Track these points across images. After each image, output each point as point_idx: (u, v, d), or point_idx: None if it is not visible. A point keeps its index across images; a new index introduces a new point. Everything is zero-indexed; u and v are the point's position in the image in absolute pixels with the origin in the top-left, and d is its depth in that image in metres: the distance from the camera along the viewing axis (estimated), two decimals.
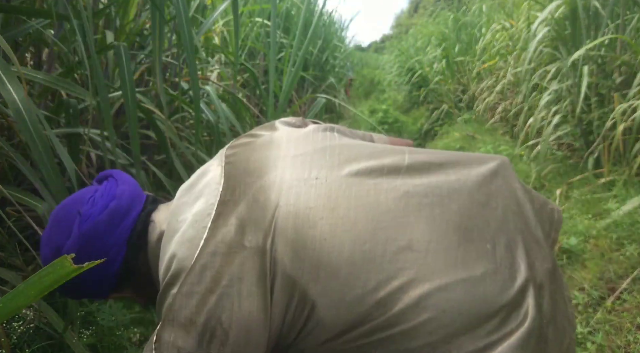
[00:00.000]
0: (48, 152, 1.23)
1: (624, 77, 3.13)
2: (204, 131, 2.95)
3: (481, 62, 5.88)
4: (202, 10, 2.99)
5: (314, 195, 0.66)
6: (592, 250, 2.38)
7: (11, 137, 1.73)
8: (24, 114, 1.17)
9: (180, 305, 0.60)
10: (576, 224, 2.57)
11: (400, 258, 0.63)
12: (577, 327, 1.95)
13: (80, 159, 1.83)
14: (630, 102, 2.78)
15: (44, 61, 1.96)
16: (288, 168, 0.70)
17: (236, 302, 0.59)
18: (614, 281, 2.18)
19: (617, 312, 2.02)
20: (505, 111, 5.14)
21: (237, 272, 0.60)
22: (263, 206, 0.65)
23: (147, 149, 2.59)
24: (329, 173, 0.70)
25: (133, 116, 1.54)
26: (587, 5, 3.28)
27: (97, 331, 1.64)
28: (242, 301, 0.59)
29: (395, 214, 0.65)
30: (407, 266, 0.62)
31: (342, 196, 0.66)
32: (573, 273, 2.29)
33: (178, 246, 0.64)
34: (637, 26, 3.10)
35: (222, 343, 0.59)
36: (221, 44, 3.63)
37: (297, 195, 0.66)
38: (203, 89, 2.55)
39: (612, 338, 1.89)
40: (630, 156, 2.79)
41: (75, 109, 1.74)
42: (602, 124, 3.07)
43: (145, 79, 2.57)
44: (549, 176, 3.34)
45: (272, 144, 0.76)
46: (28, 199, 1.37)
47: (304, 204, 0.65)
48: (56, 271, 0.38)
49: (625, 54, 3.11)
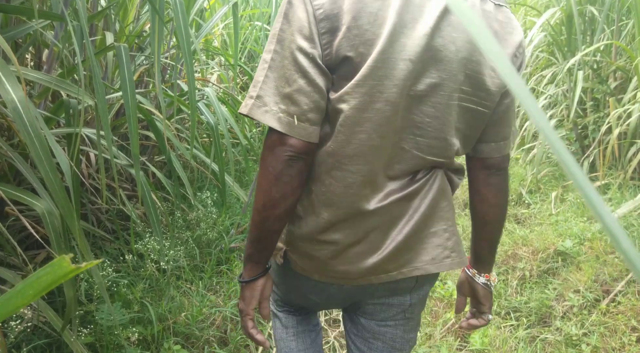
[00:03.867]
0: (46, 151, 1.24)
1: (619, 82, 3.17)
2: (204, 133, 2.96)
3: None
4: (201, 13, 3.00)
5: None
6: (587, 252, 2.40)
7: (10, 137, 1.74)
8: (22, 114, 1.18)
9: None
10: (571, 227, 2.59)
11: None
12: (573, 329, 1.96)
13: (80, 159, 1.84)
14: (625, 106, 2.81)
15: (44, 62, 1.97)
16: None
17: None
18: (608, 283, 2.20)
19: (612, 314, 2.03)
20: None
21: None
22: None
23: (146, 150, 2.60)
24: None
25: (133, 116, 1.55)
26: (582, 11, 3.32)
27: (96, 330, 1.65)
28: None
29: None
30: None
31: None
32: (568, 276, 2.31)
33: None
34: (632, 32, 3.13)
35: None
36: (221, 47, 3.65)
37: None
38: (203, 91, 2.56)
39: (607, 340, 1.91)
40: (625, 160, 2.82)
41: (75, 110, 1.75)
42: (597, 129, 3.10)
43: (144, 81, 2.58)
44: (545, 179, 3.36)
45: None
46: (27, 198, 1.38)
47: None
48: (55, 271, 0.38)
49: (621, 60, 3.14)
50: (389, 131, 0.81)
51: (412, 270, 0.90)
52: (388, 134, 0.81)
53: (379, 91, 0.78)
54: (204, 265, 2.29)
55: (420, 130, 0.83)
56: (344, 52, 0.77)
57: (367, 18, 0.76)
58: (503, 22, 0.86)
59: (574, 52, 3.27)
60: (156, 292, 1.98)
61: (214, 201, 2.59)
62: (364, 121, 0.79)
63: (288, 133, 0.79)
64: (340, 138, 0.81)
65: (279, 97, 0.79)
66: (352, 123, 0.79)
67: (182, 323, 1.87)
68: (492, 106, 0.87)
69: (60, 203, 1.32)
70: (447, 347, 1.93)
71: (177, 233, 2.29)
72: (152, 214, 1.73)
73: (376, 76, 0.77)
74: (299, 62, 0.77)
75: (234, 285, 2.18)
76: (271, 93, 0.79)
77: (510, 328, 2.08)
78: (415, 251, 0.90)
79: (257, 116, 0.80)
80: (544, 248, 2.54)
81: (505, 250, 2.64)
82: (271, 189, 0.82)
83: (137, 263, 2.01)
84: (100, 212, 2.10)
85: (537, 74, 4.02)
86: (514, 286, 2.37)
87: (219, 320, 1.98)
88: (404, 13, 0.76)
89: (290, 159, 0.80)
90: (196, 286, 2.12)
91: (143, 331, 1.74)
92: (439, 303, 2.21)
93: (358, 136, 0.80)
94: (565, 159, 0.18)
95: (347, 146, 0.81)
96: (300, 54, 0.77)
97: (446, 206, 0.92)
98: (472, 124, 0.87)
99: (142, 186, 1.67)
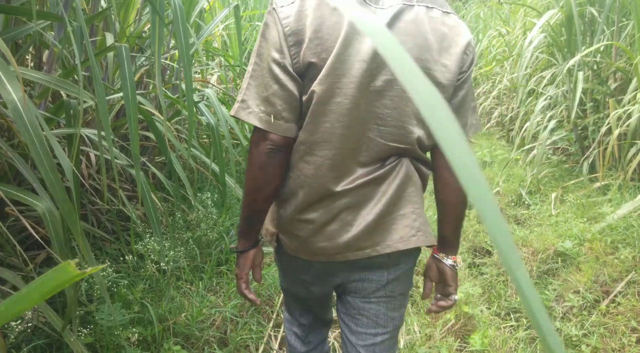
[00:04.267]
0: (46, 152, 1.24)
1: (619, 83, 3.17)
2: (204, 133, 2.97)
3: (478, 67, 5.92)
4: (201, 14, 3.01)
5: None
6: (587, 253, 2.40)
7: (11, 137, 1.74)
8: (22, 114, 1.18)
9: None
10: (571, 228, 2.59)
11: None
12: (572, 330, 1.96)
13: (80, 159, 1.84)
14: (625, 107, 2.82)
15: (45, 63, 1.97)
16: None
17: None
18: (608, 284, 2.20)
19: (612, 315, 2.04)
20: (501, 116, 5.17)
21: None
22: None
23: (147, 151, 2.60)
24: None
25: (133, 117, 1.55)
26: (582, 12, 3.32)
27: (96, 330, 1.65)
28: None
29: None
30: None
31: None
32: (568, 276, 2.31)
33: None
34: (632, 33, 3.14)
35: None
36: (221, 48, 3.65)
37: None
38: (203, 91, 2.56)
39: (607, 341, 1.91)
40: (625, 160, 2.82)
41: (76, 110, 1.75)
42: (597, 129, 3.10)
43: (144, 82, 2.58)
44: (545, 180, 3.36)
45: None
46: (28, 199, 1.38)
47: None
48: (59, 276, 0.38)
49: (620, 61, 3.15)
50: (352, 121, 0.97)
51: (384, 247, 1.05)
52: (352, 124, 0.97)
53: (337, 87, 0.94)
54: (204, 266, 2.29)
55: (382, 120, 0.99)
56: (309, 59, 0.94)
57: (326, 30, 0.94)
58: (451, 26, 1.00)
59: (573, 53, 3.27)
60: (156, 293, 1.98)
61: (214, 201, 2.60)
62: (327, 112, 0.96)
63: (267, 129, 0.97)
64: (309, 127, 0.98)
65: (259, 100, 0.97)
66: (317, 115, 0.96)
67: (182, 323, 1.87)
68: (446, 97, 1.01)
69: (60, 204, 1.32)
70: (447, 347, 1.93)
71: (178, 233, 2.29)
72: (151, 214, 1.73)
73: (335, 75, 0.94)
74: (273, 71, 0.95)
75: (234, 285, 2.18)
76: (253, 97, 0.98)
77: (510, 329, 2.08)
78: (387, 231, 1.05)
79: (243, 117, 0.98)
80: (543, 249, 2.54)
81: None
82: (257, 177, 1.02)
83: (137, 263, 2.01)
84: (101, 213, 2.10)
85: (537, 75, 4.02)
86: (513, 287, 2.37)
87: (219, 321, 1.98)
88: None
89: (271, 151, 0.99)
90: (196, 287, 2.12)
91: (143, 331, 1.74)
92: None
93: (323, 125, 0.97)
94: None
95: (314, 134, 0.98)
96: (274, 64, 0.95)
97: (413, 192, 1.06)
98: None
99: (142, 186, 1.67)
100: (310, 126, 0.98)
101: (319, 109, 0.96)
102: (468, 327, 2.09)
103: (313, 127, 0.97)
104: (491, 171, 3.87)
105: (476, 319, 2.11)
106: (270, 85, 0.96)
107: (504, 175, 3.60)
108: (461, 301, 2.18)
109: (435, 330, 2.02)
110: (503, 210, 3.22)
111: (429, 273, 1.17)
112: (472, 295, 2.26)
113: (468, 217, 3.31)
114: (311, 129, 0.98)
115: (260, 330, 1.99)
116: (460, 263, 1.16)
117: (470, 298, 2.24)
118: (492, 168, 3.96)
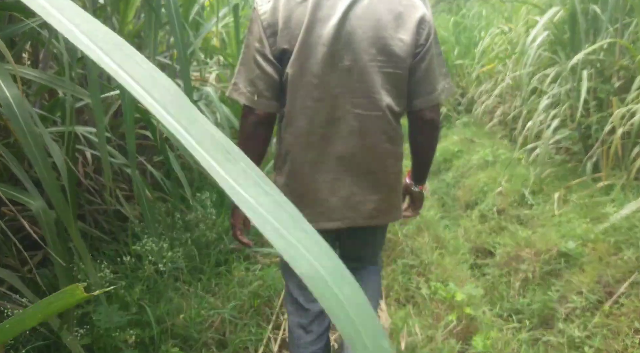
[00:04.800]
0: (41, 150, 1.22)
1: (623, 81, 3.14)
2: None
3: (480, 65, 5.89)
4: (201, 12, 2.98)
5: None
6: (590, 254, 2.37)
7: (5, 136, 1.72)
8: (16, 111, 1.16)
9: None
10: (574, 228, 2.56)
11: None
12: (575, 331, 1.94)
13: (77, 158, 1.82)
14: (629, 106, 2.78)
15: (41, 60, 1.95)
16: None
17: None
18: (611, 285, 2.17)
19: (615, 316, 2.01)
20: (504, 115, 5.14)
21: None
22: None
23: (145, 150, 2.58)
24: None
25: (130, 113, 1.53)
26: (586, 9, 3.29)
27: (93, 332, 1.63)
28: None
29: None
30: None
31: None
32: (571, 277, 2.29)
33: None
34: (635, 31, 3.10)
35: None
36: (220, 46, 3.62)
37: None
38: (202, 90, 2.54)
39: (610, 343, 1.88)
40: (629, 160, 2.79)
41: (71, 108, 1.73)
42: (600, 128, 3.07)
43: None
44: (548, 179, 3.33)
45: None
46: (22, 197, 1.36)
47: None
48: (66, 298, 0.39)
49: (624, 59, 3.11)
50: (322, 95, 1.19)
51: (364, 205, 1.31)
52: (323, 97, 1.20)
53: (305, 68, 1.17)
54: (202, 267, 2.27)
55: (353, 93, 1.20)
56: (282, 46, 1.18)
57: (294, 21, 1.16)
58: (406, 5, 1.20)
59: (577, 51, 3.23)
60: (154, 294, 1.96)
61: (213, 202, 2.57)
62: (299, 89, 1.20)
63: (252, 105, 1.21)
64: (288, 103, 1.22)
65: (246, 82, 1.21)
66: (292, 92, 1.20)
67: (180, 325, 1.85)
68: (406, 67, 1.22)
69: (56, 203, 1.30)
70: (449, 349, 1.91)
71: (176, 234, 2.27)
72: (147, 213, 1.71)
73: (302, 58, 1.17)
74: (256, 58, 1.19)
75: (233, 286, 2.16)
76: (242, 80, 1.22)
77: (512, 330, 2.06)
78: (367, 190, 1.30)
79: (235, 96, 1.23)
80: (546, 250, 2.51)
81: (507, 252, 2.62)
82: (245, 144, 1.25)
83: (135, 264, 1.99)
84: (98, 213, 2.08)
85: (540, 73, 3.99)
86: (516, 288, 2.35)
87: (218, 323, 1.96)
88: (317, 13, 1.15)
89: (255, 123, 1.24)
90: (195, 288, 2.10)
91: (141, 333, 1.72)
92: (440, 306, 2.19)
93: (297, 101, 1.21)
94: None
95: (291, 108, 1.22)
96: (256, 53, 1.19)
97: (391, 162, 1.32)
98: (396, 84, 1.24)
99: (137, 185, 1.65)
100: (289, 102, 1.22)
101: (293, 87, 1.19)
102: (470, 328, 2.06)
103: (290, 103, 1.22)
104: (493, 170, 3.84)
105: (478, 321, 2.09)
106: (254, 69, 1.20)
107: (506, 175, 3.57)
108: (463, 303, 2.16)
109: (436, 332, 2.00)
110: (506, 210, 3.20)
111: (405, 191, 1.51)
112: (474, 297, 2.23)
113: (470, 217, 3.29)
114: (289, 103, 1.22)
115: (260, 332, 1.97)
116: (427, 190, 1.56)
117: (472, 300, 2.21)
118: (494, 167, 3.93)
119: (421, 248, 2.76)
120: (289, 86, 1.18)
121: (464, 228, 3.14)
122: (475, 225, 3.05)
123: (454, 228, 3.25)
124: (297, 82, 1.18)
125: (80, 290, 0.38)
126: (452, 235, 3.10)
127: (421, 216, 3.16)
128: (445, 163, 4.64)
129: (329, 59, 1.15)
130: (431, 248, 2.77)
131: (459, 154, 4.64)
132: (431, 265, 2.57)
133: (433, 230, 3.03)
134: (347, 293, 0.26)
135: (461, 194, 3.70)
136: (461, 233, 3.12)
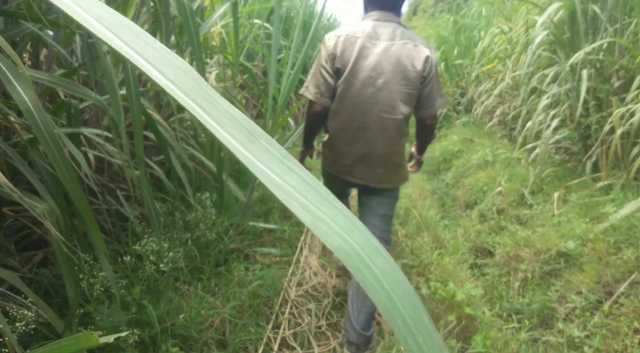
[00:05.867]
0: (61, 151, 1.23)
1: (622, 81, 3.14)
2: (202, 133, 2.95)
3: (480, 65, 5.89)
4: (202, 12, 2.98)
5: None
6: (589, 253, 2.38)
7: (9, 137, 1.72)
8: (35, 115, 1.18)
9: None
10: (574, 228, 2.56)
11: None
12: (575, 331, 1.94)
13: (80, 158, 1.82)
14: (629, 106, 2.79)
15: (42, 62, 1.95)
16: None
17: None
18: (611, 285, 2.17)
19: (615, 316, 2.01)
20: (503, 114, 5.14)
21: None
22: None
23: (145, 150, 2.58)
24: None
25: (137, 117, 1.54)
26: (585, 9, 3.29)
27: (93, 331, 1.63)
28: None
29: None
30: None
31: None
32: (570, 277, 2.29)
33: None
34: (635, 30, 3.11)
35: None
36: (219, 45, 3.62)
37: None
38: None
39: (610, 342, 1.89)
40: (628, 160, 2.79)
41: (76, 110, 1.73)
42: (600, 128, 3.07)
43: (143, 80, 2.56)
44: (547, 179, 3.34)
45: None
46: (29, 200, 1.36)
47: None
48: (80, 343, 0.40)
49: (624, 58, 3.11)
50: (359, 102, 1.83)
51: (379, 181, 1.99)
52: (359, 103, 1.83)
53: (350, 85, 1.84)
54: (202, 267, 2.27)
55: (380, 102, 1.83)
56: (337, 66, 1.84)
57: (346, 52, 1.83)
58: (417, 51, 1.83)
59: (576, 51, 3.24)
60: (154, 294, 1.96)
61: (213, 202, 2.58)
62: (345, 97, 1.85)
63: (316, 100, 1.87)
64: (336, 103, 1.88)
65: (313, 85, 1.87)
66: (340, 98, 1.86)
67: (181, 325, 1.86)
68: (417, 87, 1.85)
69: (77, 203, 1.32)
70: (449, 349, 1.91)
71: (176, 234, 2.27)
72: (153, 215, 1.72)
73: (349, 78, 1.83)
74: (321, 71, 1.86)
75: (233, 286, 2.16)
76: (311, 84, 1.88)
77: (512, 330, 2.06)
78: (383, 170, 1.96)
79: (305, 94, 1.88)
80: (546, 250, 2.51)
81: (507, 251, 2.62)
82: (310, 126, 1.98)
83: (135, 264, 1.99)
84: (98, 213, 2.09)
85: (540, 73, 3.99)
86: (515, 287, 2.35)
87: (218, 322, 1.97)
88: (362, 51, 1.82)
89: (316, 114, 1.90)
90: (195, 288, 2.10)
91: (141, 333, 1.72)
92: (440, 306, 2.20)
93: (343, 103, 1.86)
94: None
95: (338, 107, 1.88)
96: (322, 68, 1.86)
97: (399, 149, 1.95)
98: (409, 99, 1.86)
99: (145, 187, 1.66)
100: (337, 103, 1.87)
101: (341, 95, 1.85)
102: (470, 328, 2.07)
103: (338, 103, 1.87)
104: (493, 170, 3.84)
105: (478, 321, 2.09)
106: (319, 78, 1.86)
107: (506, 174, 3.58)
108: (463, 303, 2.16)
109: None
110: (505, 210, 3.20)
111: (410, 156, 2.28)
112: (474, 296, 2.24)
113: (470, 217, 3.29)
114: (337, 104, 1.87)
115: (260, 332, 1.97)
116: (424, 157, 2.26)
117: (472, 300, 2.22)
118: (494, 167, 3.94)
119: (421, 248, 2.77)
120: (339, 93, 1.85)
121: (464, 228, 3.14)
122: (474, 224, 3.05)
123: (453, 228, 3.25)
124: (344, 93, 1.84)
125: (95, 338, 0.39)
126: (452, 234, 3.10)
127: (421, 216, 3.16)
128: (445, 163, 4.65)
129: (367, 80, 1.80)
130: (431, 248, 2.77)
131: (458, 154, 4.64)
132: (431, 265, 2.57)
133: (433, 230, 3.03)
134: (380, 265, 0.26)
135: (461, 194, 3.71)
136: (461, 233, 3.12)
